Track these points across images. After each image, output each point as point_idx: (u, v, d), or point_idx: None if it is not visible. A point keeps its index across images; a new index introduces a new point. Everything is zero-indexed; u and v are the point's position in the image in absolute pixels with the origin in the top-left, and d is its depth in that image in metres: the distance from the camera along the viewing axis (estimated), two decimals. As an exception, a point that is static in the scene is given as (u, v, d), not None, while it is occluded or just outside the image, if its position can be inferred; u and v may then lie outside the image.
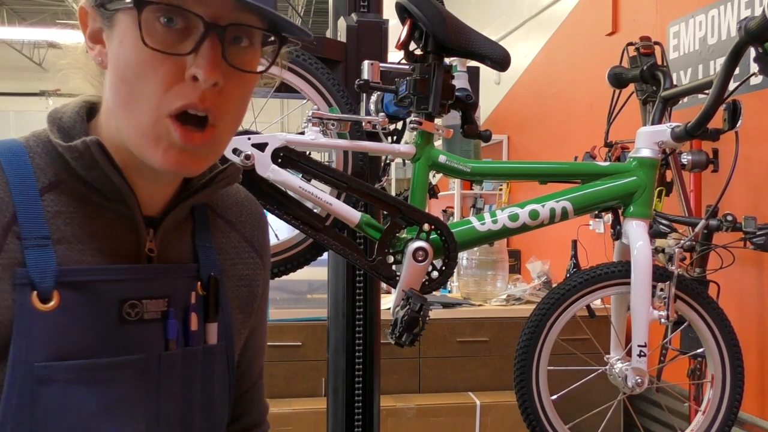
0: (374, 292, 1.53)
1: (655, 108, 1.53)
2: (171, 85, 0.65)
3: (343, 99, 1.31)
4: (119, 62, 0.66)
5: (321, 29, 6.79)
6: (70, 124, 0.71)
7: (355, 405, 1.52)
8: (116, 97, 0.67)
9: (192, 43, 0.65)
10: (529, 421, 1.29)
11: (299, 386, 2.96)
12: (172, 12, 0.64)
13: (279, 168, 1.12)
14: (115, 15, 0.66)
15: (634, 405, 3.00)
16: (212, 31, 0.65)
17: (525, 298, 3.38)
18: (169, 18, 0.64)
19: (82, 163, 0.68)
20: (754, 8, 2.49)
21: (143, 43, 0.63)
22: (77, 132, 0.70)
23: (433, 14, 1.14)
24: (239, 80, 0.68)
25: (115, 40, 0.66)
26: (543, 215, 1.26)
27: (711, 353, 1.35)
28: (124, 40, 0.65)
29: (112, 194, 0.70)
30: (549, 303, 1.30)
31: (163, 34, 0.64)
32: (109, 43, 0.68)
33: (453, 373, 3.16)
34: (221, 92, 0.66)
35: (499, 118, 5.00)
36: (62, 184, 0.69)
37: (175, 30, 0.65)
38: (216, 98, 0.66)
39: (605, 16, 3.55)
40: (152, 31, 0.64)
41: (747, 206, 2.49)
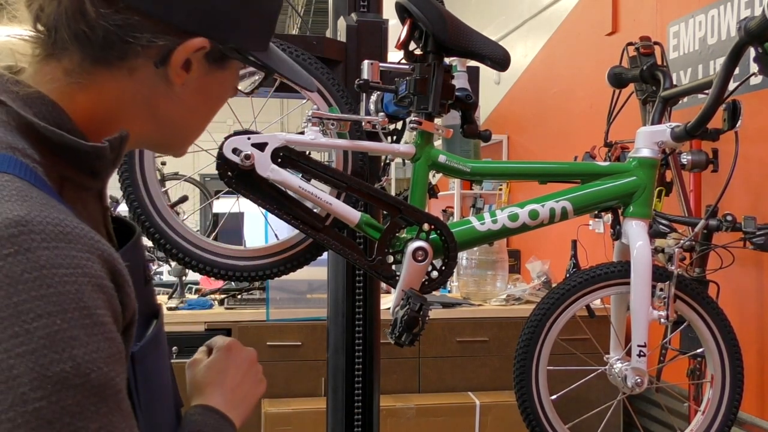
0: (374, 292, 1.53)
1: (654, 108, 1.53)
2: None
3: (342, 99, 1.31)
4: (214, 96, 0.78)
5: (321, 29, 6.79)
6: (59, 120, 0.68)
7: (354, 405, 1.52)
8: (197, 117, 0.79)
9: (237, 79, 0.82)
10: (529, 421, 1.29)
11: (299, 386, 2.96)
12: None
13: (279, 168, 1.12)
14: (230, 61, 0.76)
15: (634, 405, 3.00)
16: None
17: (525, 298, 3.38)
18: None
19: (109, 157, 0.71)
20: (754, 8, 2.49)
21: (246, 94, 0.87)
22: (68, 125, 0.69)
23: (433, 14, 1.14)
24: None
25: (217, 79, 0.77)
26: (543, 215, 1.26)
27: (710, 353, 1.35)
28: (226, 85, 0.78)
29: (103, 174, 0.73)
30: (549, 303, 1.30)
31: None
32: (204, 74, 0.75)
33: (453, 373, 3.16)
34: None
35: (499, 118, 5.00)
36: (66, 182, 0.68)
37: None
38: None
39: (605, 16, 3.55)
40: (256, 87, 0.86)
41: (747, 206, 2.49)
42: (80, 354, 0.56)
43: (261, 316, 2.95)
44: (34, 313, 0.55)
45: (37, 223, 0.58)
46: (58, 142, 0.67)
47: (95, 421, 0.56)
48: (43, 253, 0.57)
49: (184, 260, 1.23)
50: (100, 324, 0.58)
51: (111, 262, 0.62)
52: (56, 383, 0.54)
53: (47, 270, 0.56)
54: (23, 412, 0.53)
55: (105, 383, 0.58)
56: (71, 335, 0.56)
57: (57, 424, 0.54)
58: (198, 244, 1.24)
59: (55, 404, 0.54)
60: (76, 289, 0.57)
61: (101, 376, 0.57)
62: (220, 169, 1.10)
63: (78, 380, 0.56)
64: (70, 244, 0.59)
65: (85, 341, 0.56)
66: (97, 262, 0.60)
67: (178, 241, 1.22)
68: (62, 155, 0.67)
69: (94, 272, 0.59)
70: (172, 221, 1.22)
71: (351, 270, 1.50)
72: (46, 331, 0.55)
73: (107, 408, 0.58)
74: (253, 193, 1.12)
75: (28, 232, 0.57)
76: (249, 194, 1.12)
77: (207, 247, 1.24)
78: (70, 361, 0.55)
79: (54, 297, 0.56)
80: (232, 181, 1.11)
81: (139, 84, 0.72)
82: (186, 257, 1.23)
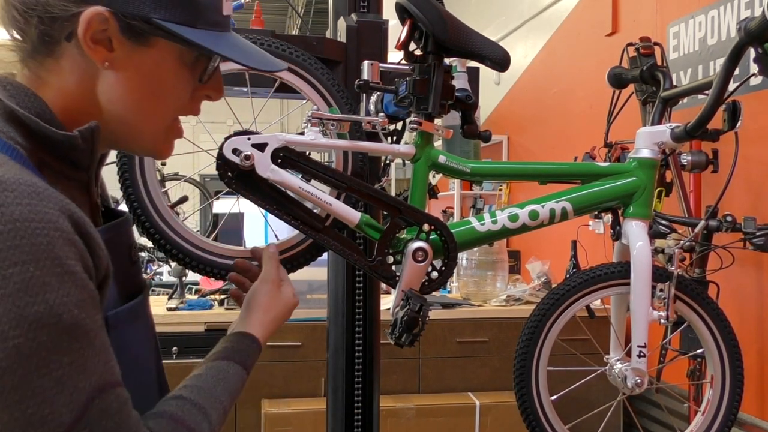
0: (374, 292, 1.53)
1: (654, 108, 1.53)
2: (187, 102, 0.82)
3: (342, 99, 1.31)
4: (153, 81, 0.78)
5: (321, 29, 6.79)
6: (40, 110, 0.74)
7: (354, 405, 1.52)
8: (142, 107, 0.78)
9: (201, 72, 0.82)
10: (529, 422, 1.29)
11: (299, 386, 2.96)
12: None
13: (279, 168, 1.12)
14: (154, 38, 0.76)
15: (634, 405, 3.00)
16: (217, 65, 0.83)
17: (525, 299, 3.38)
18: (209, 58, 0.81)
19: (83, 147, 0.75)
20: (753, 9, 2.49)
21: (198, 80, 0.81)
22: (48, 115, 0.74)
23: (433, 14, 1.14)
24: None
25: (148, 60, 0.77)
26: (543, 215, 1.25)
27: (710, 354, 1.35)
28: (165, 65, 0.78)
29: (83, 166, 0.77)
30: (548, 303, 1.30)
31: (197, 67, 0.81)
32: (130, 54, 0.76)
33: (453, 373, 3.16)
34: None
35: (499, 119, 5.00)
36: (45, 168, 0.73)
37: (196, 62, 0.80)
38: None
39: (605, 16, 3.55)
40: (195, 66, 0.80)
41: (747, 207, 2.49)
42: (52, 298, 0.62)
43: (261, 317, 2.94)
44: (9, 261, 0.61)
45: (12, 182, 0.63)
46: (35, 129, 0.72)
47: (67, 355, 0.63)
48: (17, 209, 0.62)
49: (184, 261, 1.23)
50: (71, 273, 0.64)
51: (80, 223, 0.68)
52: (32, 323, 0.61)
53: (20, 223, 0.62)
54: (3, 347, 0.60)
55: (76, 323, 0.64)
56: (44, 281, 0.62)
57: (34, 358, 0.61)
58: (198, 245, 1.24)
59: (32, 341, 0.61)
60: (48, 241, 0.63)
61: (72, 318, 0.63)
62: (220, 169, 1.10)
63: (51, 320, 0.62)
64: (42, 201, 0.64)
65: (56, 287, 0.63)
66: (66, 221, 0.66)
67: (178, 242, 1.22)
68: (41, 142, 0.73)
69: (64, 228, 0.65)
70: (172, 222, 1.22)
71: (351, 270, 1.50)
72: (21, 277, 0.61)
73: (78, 344, 0.64)
74: (253, 193, 1.12)
75: (2, 190, 0.63)
76: (249, 195, 1.12)
77: (207, 248, 1.24)
78: (43, 303, 0.62)
79: (27, 247, 0.62)
80: (232, 181, 1.11)
81: (72, 68, 0.76)
82: (186, 258, 1.23)
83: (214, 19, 0.78)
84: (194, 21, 0.76)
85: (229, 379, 0.87)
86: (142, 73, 0.77)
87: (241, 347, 0.93)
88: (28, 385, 0.61)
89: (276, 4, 8.16)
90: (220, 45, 0.78)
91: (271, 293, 1.03)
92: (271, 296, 1.03)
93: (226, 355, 0.90)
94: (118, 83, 0.76)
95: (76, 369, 0.64)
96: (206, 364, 0.88)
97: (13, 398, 0.60)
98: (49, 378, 0.62)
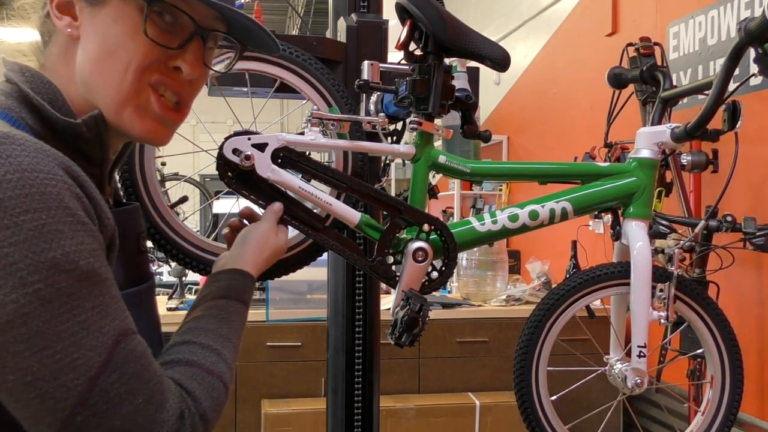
0: (374, 292, 1.53)
1: (654, 108, 1.53)
2: (153, 69, 0.77)
3: (342, 99, 1.31)
4: (108, 39, 0.75)
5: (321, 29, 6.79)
6: (52, 96, 0.75)
7: (354, 405, 1.52)
8: (99, 67, 0.76)
9: (178, 39, 0.78)
10: (529, 422, 1.29)
11: (299, 386, 2.96)
12: (172, 11, 0.76)
13: (279, 168, 1.11)
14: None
15: (634, 406, 3.00)
16: (198, 34, 0.79)
17: (524, 299, 3.38)
18: (168, 15, 0.76)
19: (88, 137, 0.75)
20: (753, 9, 2.49)
21: (144, 33, 0.75)
22: (60, 102, 0.75)
23: (432, 15, 1.14)
24: (204, 75, 0.83)
25: (104, 19, 0.75)
26: (543, 216, 1.25)
27: (710, 354, 1.35)
28: (119, 23, 0.75)
29: (94, 160, 0.77)
30: (548, 303, 1.30)
31: (159, 27, 0.76)
32: (90, 19, 0.76)
33: (452, 373, 3.16)
34: (191, 83, 0.81)
35: (498, 119, 5.00)
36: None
37: (167, 24, 0.77)
38: (187, 87, 0.81)
39: (605, 16, 3.55)
40: (150, 23, 0.76)
41: (746, 207, 2.49)
42: (67, 245, 0.62)
43: (261, 317, 2.95)
44: (20, 208, 0.61)
45: (19, 138, 0.64)
46: (45, 114, 0.73)
47: (89, 300, 0.63)
48: (24, 160, 0.63)
49: (184, 261, 1.23)
50: (83, 222, 0.65)
51: (83, 185, 0.68)
52: (50, 268, 0.61)
53: (29, 173, 0.62)
54: (24, 293, 0.60)
55: (93, 270, 0.64)
56: (57, 228, 0.62)
57: (56, 303, 0.61)
58: (198, 245, 1.24)
59: (51, 286, 0.61)
60: (57, 191, 0.63)
61: (89, 265, 0.64)
62: (220, 169, 1.10)
63: (69, 266, 0.62)
64: (48, 157, 0.65)
65: (70, 235, 0.63)
66: (69, 179, 0.66)
67: (178, 242, 1.22)
68: (51, 129, 0.73)
69: (70, 182, 0.65)
70: (172, 222, 1.22)
71: (351, 270, 1.50)
72: (34, 224, 0.61)
73: (98, 291, 0.64)
74: (253, 193, 1.12)
75: (10, 143, 0.63)
76: (249, 195, 1.12)
77: (207, 248, 1.24)
78: (59, 249, 0.61)
79: (37, 196, 0.62)
80: (232, 181, 1.11)
81: (59, 50, 0.77)
82: (186, 258, 1.23)
83: None
84: None
85: (232, 317, 0.86)
86: (99, 33, 0.76)
87: (239, 285, 0.92)
88: (54, 330, 0.61)
89: (276, 4, 8.16)
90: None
91: (267, 233, 1.02)
92: (267, 237, 1.02)
93: (224, 293, 0.89)
94: (83, 51, 0.76)
95: (99, 313, 0.64)
96: (204, 303, 0.87)
97: (40, 344, 0.60)
98: (74, 322, 0.62)
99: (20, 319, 0.59)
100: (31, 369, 0.60)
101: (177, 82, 0.80)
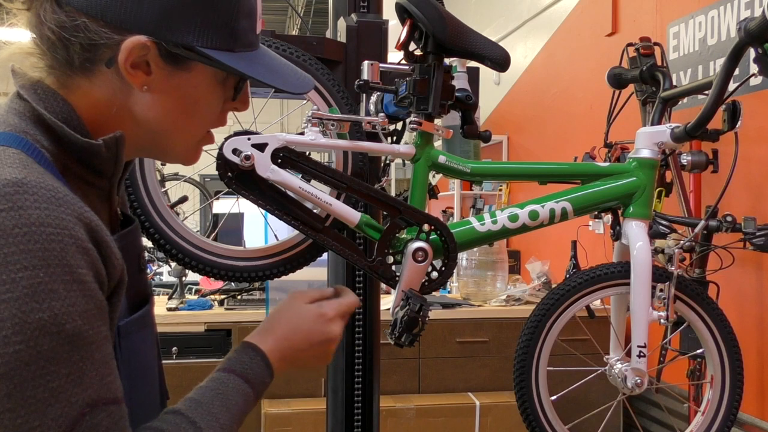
0: (374, 292, 1.53)
1: (654, 108, 1.53)
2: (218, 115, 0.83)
3: (342, 99, 1.31)
4: (187, 99, 0.78)
5: (321, 29, 6.79)
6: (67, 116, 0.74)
7: (354, 405, 1.52)
8: (174, 123, 0.79)
9: (233, 89, 0.82)
10: (529, 422, 1.29)
11: (299, 386, 2.96)
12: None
13: (279, 168, 1.11)
14: (192, 63, 0.76)
15: (634, 406, 3.00)
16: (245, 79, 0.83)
17: (524, 299, 3.38)
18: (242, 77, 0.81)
19: (106, 156, 0.75)
20: (753, 9, 2.49)
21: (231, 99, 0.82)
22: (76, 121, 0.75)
23: (432, 15, 1.14)
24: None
25: (187, 81, 0.77)
26: (542, 216, 1.25)
27: (710, 354, 1.35)
28: (201, 87, 0.78)
29: (107, 174, 0.78)
30: (548, 303, 1.30)
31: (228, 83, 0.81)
32: (169, 77, 0.76)
33: (452, 373, 3.16)
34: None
35: (498, 119, 5.00)
36: (68, 172, 0.73)
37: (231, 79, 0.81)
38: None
39: (605, 16, 3.55)
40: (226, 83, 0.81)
41: (746, 207, 2.49)
42: (58, 306, 0.62)
43: (261, 317, 2.94)
44: (20, 264, 0.61)
45: (32, 185, 0.64)
46: (61, 134, 0.73)
47: (66, 366, 0.63)
48: (34, 212, 0.63)
49: (183, 261, 1.23)
50: (80, 282, 0.64)
51: (96, 231, 0.68)
52: (35, 330, 0.61)
53: (36, 227, 0.62)
54: (3, 353, 0.60)
55: (78, 334, 0.63)
56: (51, 288, 0.62)
57: (33, 366, 0.61)
58: (198, 245, 1.24)
59: (32, 348, 0.61)
60: (61, 247, 0.63)
61: (75, 328, 0.63)
62: (219, 169, 1.10)
63: (54, 329, 0.62)
64: (60, 207, 0.64)
65: (63, 295, 0.62)
66: (82, 229, 0.66)
67: (177, 242, 1.22)
68: (66, 147, 0.73)
69: (79, 235, 0.65)
70: (172, 222, 1.22)
71: (351, 270, 1.50)
72: (30, 282, 0.61)
73: (78, 356, 0.64)
74: (252, 193, 1.12)
75: (23, 192, 0.63)
76: (249, 195, 1.12)
77: (207, 248, 1.24)
78: (48, 311, 0.61)
79: (39, 252, 0.62)
80: (231, 181, 1.11)
81: (106, 87, 0.75)
82: (186, 258, 1.23)
83: (249, 40, 0.79)
84: (233, 46, 0.77)
85: (229, 393, 0.83)
86: (179, 94, 0.77)
87: (243, 358, 0.88)
88: (22, 394, 0.60)
89: (276, 4, 8.16)
90: (255, 66, 0.79)
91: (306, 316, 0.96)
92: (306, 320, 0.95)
93: (230, 366, 0.87)
94: (155, 103, 0.77)
95: (72, 381, 0.63)
96: (210, 375, 0.86)
97: (6, 406, 0.60)
98: (45, 388, 0.61)
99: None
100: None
101: (226, 117, 0.86)
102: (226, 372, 0.85)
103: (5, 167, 0.65)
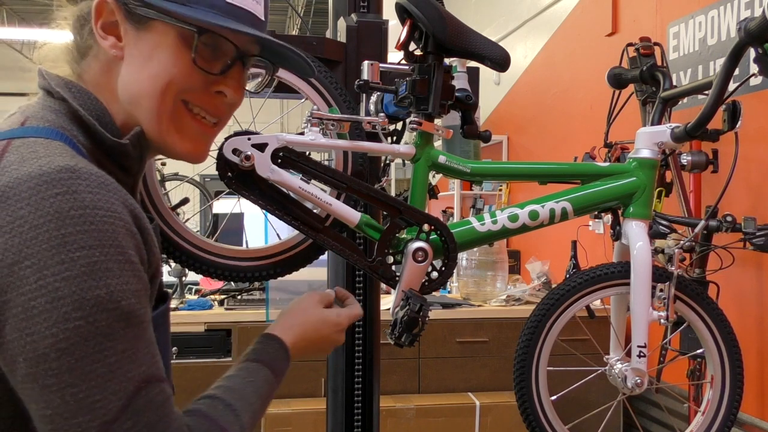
0: (374, 292, 1.53)
1: (654, 108, 1.53)
2: (195, 94, 0.81)
3: (342, 99, 1.31)
4: (149, 60, 0.78)
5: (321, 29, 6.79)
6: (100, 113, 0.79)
7: (354, 405, 1.52)
8: (142, 89, 0.79)
9: (220, 65, 0.81)
10: (529, 422, 1.29)
11: (299, 386, 2.96)
12: (217, 39, 0.80)
13: (279, 168, 1.11)
14: (151, 21, 0.78)
15: (634, 406, 3.00)
16: (238, 59, 0.83)
17: (524, 299, 3.38)
18: (212, 42, 0.80)
19: (134, 155, 0.80)
20: (753, 9, 2.49)
21: (193, 62, 0.79)
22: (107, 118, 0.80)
23: (433, 15, 1.14)
24: (241, 96, 0.87)
25: (149, 42, 0.78)
26: (542, 216, 1.25)
27: (710, 354, 1.35)
28: (163, 48, 0.78)
29: (132, 171, 0.82)
30: (548, 303, 1.29)
31: (203, 55, 0.80)
32: (135, 41, 0.79)
33: (452, 373, 3.16)
34: (231, 105, 0.85)
35: (498, 119, 5.00)
36: (101, 167, 0.75)
37: (210, 51, 0.80)
38: (227, 110, 0.86)
39: (605, 16, 3.55)
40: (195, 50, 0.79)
41: (746, 207, 2.49)
42: (114, 284, 0.65)
43: (261, 317, 2.95)
44: (77, 244, 0.64)
45: (84, 172, 0.68)
46: (94, 131, 0.77)
47: (122, 343, 0.65)
48: (87, 196, 0.66)
49: (184, 261, 1.23)
50: (131, 262, 0.68)
51: (139, 218, 0.72)
52: (93, 306, 0.64)
53: (90, 210, 0.66)
54: (65, 329, 0.62)
55: (132, 311, 0.67)
56: (107, 267, 0.65)
57: (92, 342, 0.63)
58: (198, 245, 1.24)
59: (91, 324, 0.63)
60: (113, 229, 0.67)
61: (130, 306, 0.66)
62: (219, 169, 1.10)
63: (111, 305, 0.65)
64: (109, 192, 0.68)
65: (118, 273, 0.66)
66: (128, 214, 0.70)
67: (178, 242, 1.22)
68: (98, 144, 0.78)
69: (126, 219, 0.69)
70: (172, 222, 1.22)
71: (351, 270, 1.50)
72: (87, 261, 0.64)
73: (132, 333, 0.66)
74: (253, 193, 1.12)
75: (76, 178, 0.67)
76: (249, 195, 1.12)
77: (207, 248, 1.24)
78: (105, 288, 0.64)
79: (95, 233, 0.65)
80: (232, 181, 1.11)
81: (99, 65, 0.81)
82: (186, 258, 1.23)
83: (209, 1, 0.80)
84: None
85: (259, 382, 0.89)
86: (143, 56, 0.79)
87: (269, 350, 0.95)
88: (83, 369, 0.63)
89: (276, 4, 8.16)
90: (208, 14, 0.78)
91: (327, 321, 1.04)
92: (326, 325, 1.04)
93: (259, 357, 0.93)
94: (127, 72, 0.80)
95: (128, 357, 0.66)
96: (241, 363, 0.91)
97: (68, 380, 0.62)
98: (103, 363, 0.64)
99: (55, 353, 0.62)
100: (53, 403, 0.62)
101: (218, 105, 0.84)
102: (256, 362, 0.91)
103: (56, 156, 0.68)
